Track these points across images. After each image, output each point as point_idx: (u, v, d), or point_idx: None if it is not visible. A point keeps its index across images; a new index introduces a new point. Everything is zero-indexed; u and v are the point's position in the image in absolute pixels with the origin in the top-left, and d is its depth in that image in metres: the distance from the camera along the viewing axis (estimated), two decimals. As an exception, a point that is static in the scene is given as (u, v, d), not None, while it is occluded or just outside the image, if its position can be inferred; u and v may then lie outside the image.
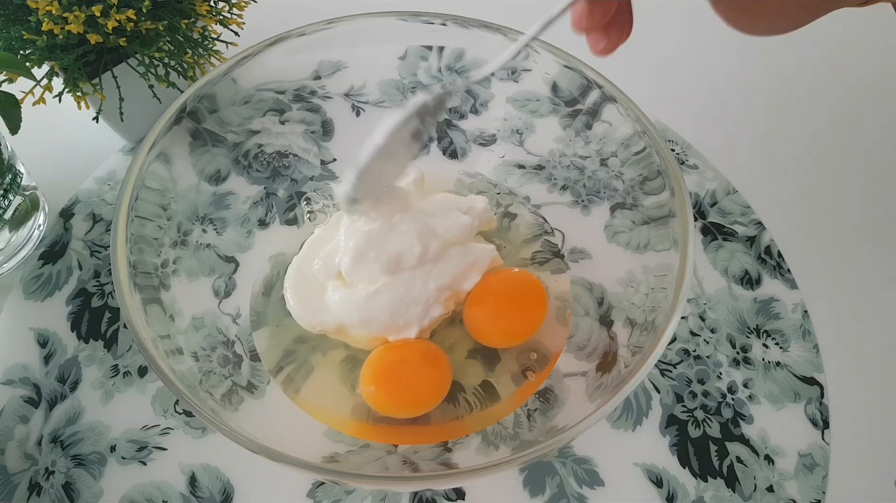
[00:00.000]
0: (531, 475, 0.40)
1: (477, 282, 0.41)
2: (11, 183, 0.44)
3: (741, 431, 0.42)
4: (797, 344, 0.44)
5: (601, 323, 0.41)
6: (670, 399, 0.42)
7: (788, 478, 0.40)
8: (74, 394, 0.42)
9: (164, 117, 0.39)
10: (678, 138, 0.53)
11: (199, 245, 0.42)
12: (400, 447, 0.38)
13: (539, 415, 0.39)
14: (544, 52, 0.42)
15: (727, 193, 0.50)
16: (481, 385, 0.40)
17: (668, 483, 0.40)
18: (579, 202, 0.45)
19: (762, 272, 0.47)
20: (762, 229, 0.49)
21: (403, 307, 0.39)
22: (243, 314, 0.42)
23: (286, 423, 0.39)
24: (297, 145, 0.47)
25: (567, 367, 0.40)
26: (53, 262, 0.46)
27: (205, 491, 0.39)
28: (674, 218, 0.37)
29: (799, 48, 0.59)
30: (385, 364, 0.39)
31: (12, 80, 0.42)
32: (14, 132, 0.40)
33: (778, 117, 0.55)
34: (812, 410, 0.42)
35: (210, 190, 0.44)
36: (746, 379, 0.43)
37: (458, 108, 0.48)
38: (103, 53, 0.44)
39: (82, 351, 0.43)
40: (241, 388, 0.39)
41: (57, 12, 0.40)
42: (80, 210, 0.49)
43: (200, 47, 0.46)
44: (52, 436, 0.41)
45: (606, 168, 0.43)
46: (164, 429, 0.41)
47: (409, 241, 0.39)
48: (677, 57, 0.59)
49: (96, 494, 0.39)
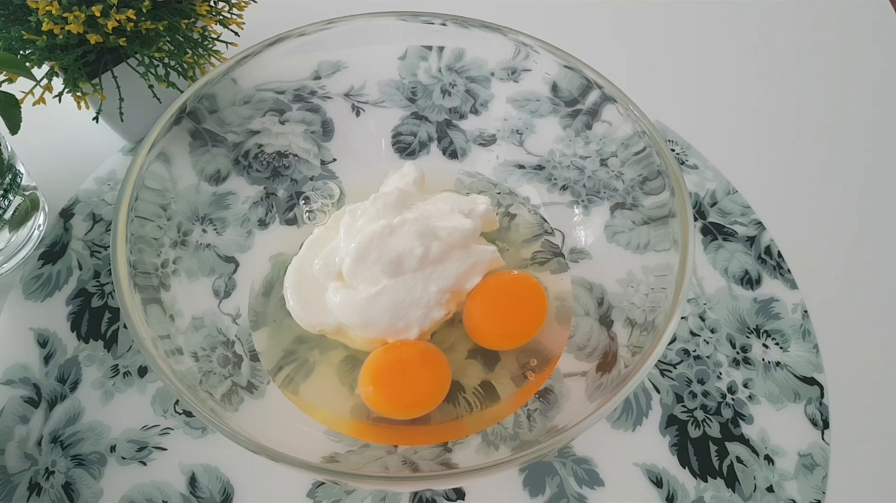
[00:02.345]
0: (531, 475, 0.40)
1: (477, 284, 0.41)
2: (11, 183, 0.44)
3: (741, 431, 0.41)
4: (797, 344, 0.44)
5: (601, 323, 0.41)
6: (670, 399, 0.42)
7: (788, 478, 0.40)
8: (74, 394, 0.42)
9: (164, 117, 0.39)
10: (678, 138, 0.53)
11: (199, 245, 0.42)
12: (400, 447, 0.38)
13: (539, 415, 0.39)
14: (544, 52, 0.42)
15: (727, 193, 0.50)
16: (481, 385, 0.40)
17: (667, 483, 0.40)
18: (579, 202, 0.45)
19: (762, 272, 0.47)
20: (762, 229, 0.49)
21: (404, 310, 0.39)
22: (243, 314, 0.42)
23: (286, 423, 0.39)
24: (297, 145, 0.47)
25: (567, 368, 0.40)
26: (53, 262, 0.46)
27: (205, 491, 0.39)
28: (674, 218, 0.37)
29: (799, 48, 0.59)
30: (384, 365, 0.39)
31: (12, 80, 0.42)
32: (14, 132, 0.40)
33: (778, 117, 0.55)
34: (812, 410, 0.42)
35: (210, 190, 0.44)
36: (746, 379, 0.43)
37: (458, 108, 0.48)
38: (103, 53, 0.44)
39: (82, 351, 0.43)
40: (240, 388, 0.39)
41: (57, 12, 0.40)
42: (80, 210, 0.49)
43: (200, 47, 0.46)
44: (51, 436, 0.41)
45: (606, 168, 0.43)
46: (164, 430, 0.41)
47: (411, 242, 0.39)
48: (677, 57, 0.59)
49: (96, 494, 0.39)
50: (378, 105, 0.48)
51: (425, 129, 0.48)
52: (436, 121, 0.48)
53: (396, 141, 0.48)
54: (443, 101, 0.48)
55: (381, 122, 0.48)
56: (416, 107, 0.48)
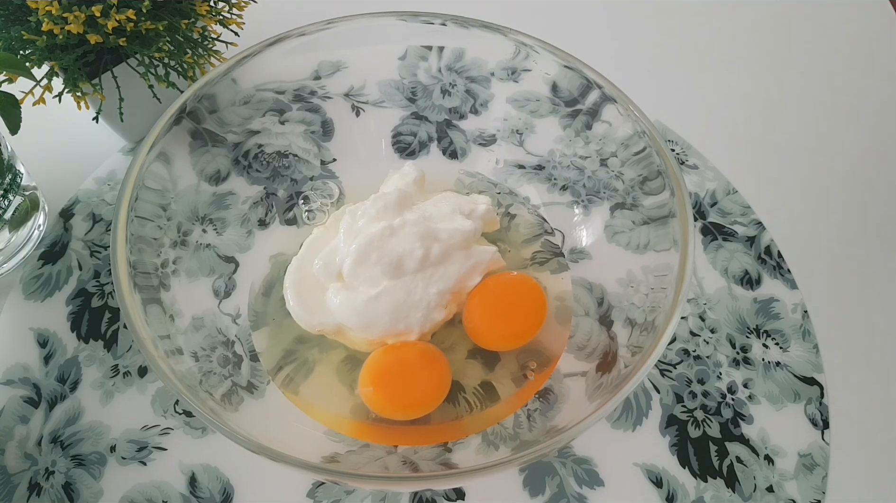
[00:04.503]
0: (531, 475, 0.40)
1: (477, 284, 0.41)
2: (11, 183, 0.44)
3: (741, 431, 0.41)
4: (797, 344, 0.44)
5: (601, 323, 0.41)
6: (670, 399, 0.42)
7: (788, 478, 0.40)
8: (74, 395, 0.42)
9: (164, 117, 0.39)
10: (678, 138, 0.53)
11: (199, 245, 0.42)
12: (400, 447, 0.38)
13: (539, 415, 0.39)
14: (544, 52, 0.42)
15: (727, 193, 0.50)
16: (481, 385, 0.40)
17: (667, 483, 0.40)
18: (579, 202, 0.45)
19: (762, 272, 0.47)
20: (762, 229, 0.49)
21: (404, 311, 0.39)
22: (243, 314, 0.42)
23: (286, 423, 0.39)
24: (297, 145, 0.47)
25: (567, 367, 0.40)
26: (53, 263, 0.46)
27: (205, 491, 0.39)
28: (674, 218, 0.37)
29: (800, 47, 0.59)
30: (384, 365, 0.39)
31: (12, 81, 0.42)
32: (14, 132, 0.40)
33: (778, 117, 0.55)
34: (812, 410, 0.42)
35: (210, 190, 0.44)
36: (746, 379, 0.43)
37: (458, 108, 0.48)
38: (103, 53, 0.44)
39: (82, 351, 0.43)
40: (240, 388, 0.39)
41: (57, 12, 0.40)
42: (79, 210, 0.49)
43: (200, 47, 0.46)
44: (52, 437, 0.41)
45: (606, 168, 0.43)
46: (164, 430, 0.41)
47: (411, 244, 0.39)
48: (677, 57, 0.59)
49: (96, 494, 0.39)
50: (378, 105, 0.48)
51: (425, 129, 0.48)
52: (436, 121, 0.48)
53: (396, 141, 0.48)
54: (443, 101, 0.48)
55: (381, 122, 0.48)
56: (416, 107, 0.48)
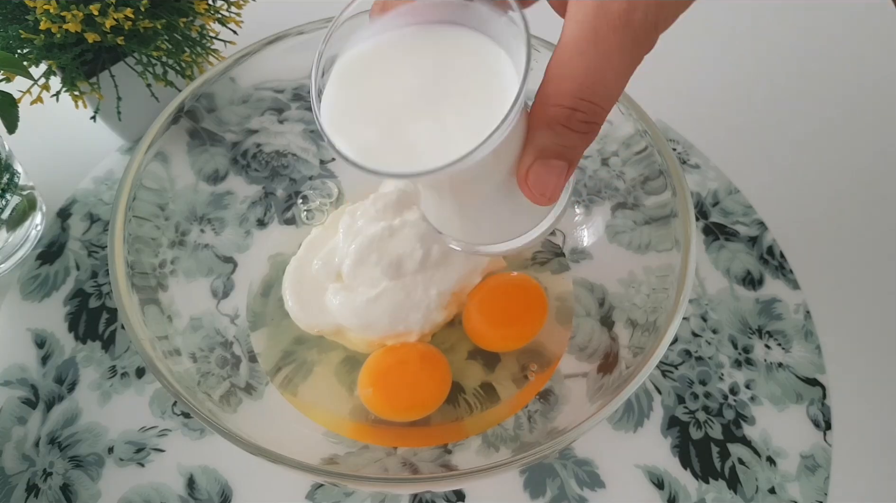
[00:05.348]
0: (532, 477, 0.40)
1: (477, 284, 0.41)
2: (9, 183, 0.43)
3: (743, 433, 0.41)
4: (799, 345, 0.44)
5: (602, 324, 0.41)
6: (672, 400, 0.42)
7: (790, 479, 0.40)
8: (72, 396, 0.42)
9: (162, 116, 0.38)
10: (680, 137, 0.53)
11: (198, 245, 0.42)
12: (399, 449, 0.38)
13: (540, 416, 0.38)
14: (544, 52, 0.42)
15: (729, 193, 0.50)
16: (481, 386, 0.40)
17: (669, 485, 0.40)
18: (580, 202, 0.45)
19: (764, 272, 0.47)
20: (764, 229, 0.48)
21: (404, 313, 0.39)
22: (241, 315, 0.42)
23: (285, 425, 0.39)
24: (296, 144, 0.47)
25: (568, 368, 0.40)
26: (51, 263, 0.46)
27: (203, 492, 0.39)
28: (675, 218, 0.36)
29: (801, 47, 0.59)
30: (383, 367, 0.39)
31: (10, 80, 0.41)
32: (11, 131, 0.40)
33: (780, 117, 0.55)
34: (814, 411, 0.42)
35: (208, 189, 0.43)
36: (748, 380, 0.43)
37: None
38: (101, 52, 0.44)
39: (80, 352, 0.43)
40: (239, 390, 0.38)
41: (55, 11, 0.40)
42: (77, 210, 0.48)
43: (199, 46, 0.46)
44: (49, 438, 0.40)
45: (607, 167, 0.43)
46: (162, 431, 0.41)
47: (411, 244, 0.39)
48: (679, 56, 0.58)
49: (94, 496, 0.39)
50: (378, 104, 0.47)
51: (425, 129, 0.48)
52: (436, 120, 0.48)
53: (396, 140, 0.48)
54: (443, 101, 0.47)
55: (380, 122, 0.48)
56: (415, 106, 0.48)
